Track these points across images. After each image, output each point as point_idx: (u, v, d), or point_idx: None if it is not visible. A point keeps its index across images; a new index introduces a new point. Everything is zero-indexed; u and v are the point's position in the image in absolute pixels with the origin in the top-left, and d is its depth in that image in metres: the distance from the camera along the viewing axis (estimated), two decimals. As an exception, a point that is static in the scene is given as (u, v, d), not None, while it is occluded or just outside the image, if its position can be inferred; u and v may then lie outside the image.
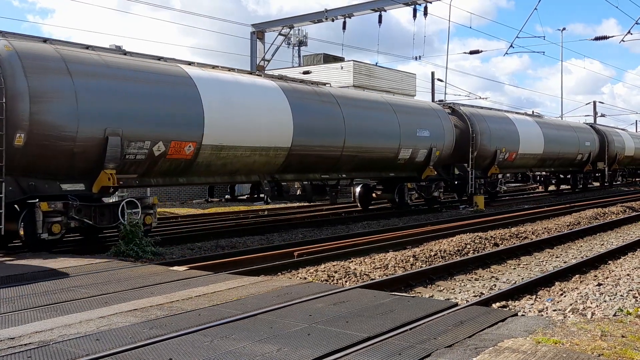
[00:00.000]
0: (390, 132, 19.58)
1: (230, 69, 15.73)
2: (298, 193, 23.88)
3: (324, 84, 19.13)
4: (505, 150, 25.85)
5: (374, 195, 22.69)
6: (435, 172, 22.18)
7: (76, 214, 11.65)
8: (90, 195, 12.06)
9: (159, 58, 14.01)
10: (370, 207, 22.96)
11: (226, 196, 20.82)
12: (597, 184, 39.78)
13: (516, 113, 30.40)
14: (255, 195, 18.75)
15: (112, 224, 12.26)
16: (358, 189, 22.94)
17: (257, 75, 16.81)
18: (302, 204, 23.50)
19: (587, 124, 39.47)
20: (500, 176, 27.32)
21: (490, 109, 29.25)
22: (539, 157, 29.49)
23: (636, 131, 63.79)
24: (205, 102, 13.61)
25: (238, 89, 14.80)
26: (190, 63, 14.66)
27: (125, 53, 13.36)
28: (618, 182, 45.81)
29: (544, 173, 34.41)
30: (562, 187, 36.41)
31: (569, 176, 35.39)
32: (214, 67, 15.40)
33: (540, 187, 37.76)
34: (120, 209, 12.25)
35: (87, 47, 12.56)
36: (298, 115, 16.02)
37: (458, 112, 24.57)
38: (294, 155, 16.04)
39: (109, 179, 11.93)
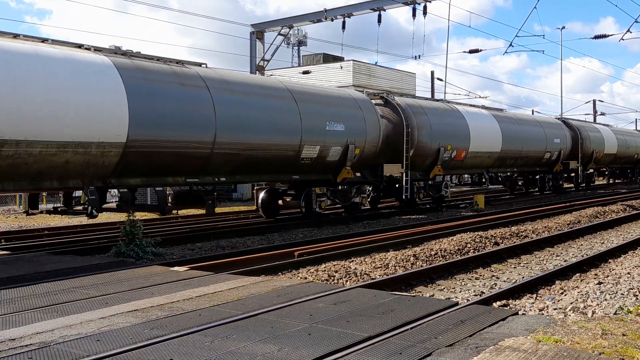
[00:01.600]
0: (288, 124, 15.85)
1: (15, 35, 11.61)
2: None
3: (200, 64, 14.99)
4: (451, 148, 22.26)
5: (280, 202, 18.60)
6: (356, 174, 18.61)
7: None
8: None
9: None
10: (278, 217, 19.00)
11: (56, 205, 15.14)
12: (572, 185, 35.68)
13: (470, 105, 26.56)
14: (79, 207, 14.01)
15: None
16: (262, 195, 18.95)
17: (85, 49, 12.56)
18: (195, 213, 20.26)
19: (558, 118, 35.34)
20: (447, 178, 23.80)
21: (438, 100, 26.12)
22: (497, 155, 25.74)
23: (636, 129, 61.59)
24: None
25: (32, 64, 11.01)
26: None
27: None
28: (601, 182, 43.25)
29: (507, 174, 31.14)
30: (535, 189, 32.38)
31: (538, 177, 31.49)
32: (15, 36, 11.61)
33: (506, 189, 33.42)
34: None
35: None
36: (137, 100, 12.29)
37: (391, 103, 20.66)
38: (134, 153, 12.36)
39: None
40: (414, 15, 25.10)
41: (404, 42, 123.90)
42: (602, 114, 63.97)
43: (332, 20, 27.39)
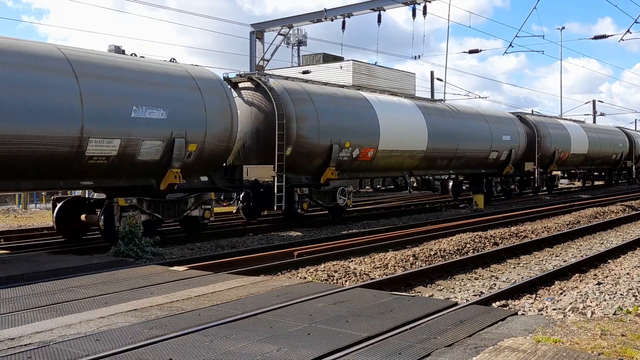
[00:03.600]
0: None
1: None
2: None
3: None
4: (350, 146, 18.06)
5: (83, 217, 13.27)
6: (200, 179, 14.44)
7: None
8: None
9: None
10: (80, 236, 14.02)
11: None
12: (545, 189, 31.53)
13: (390, 94, 22.59)
14: None
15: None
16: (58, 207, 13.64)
17: None
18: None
19: (514, 113, 29.81)
20: (348, 183, 21.48)
21: (343, 86, 20.62)
22: (422, 155, 21.13)
23: (635, 129, 58.47)
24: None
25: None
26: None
27: None
28: (576, 186, 39.47)
29: (443, 177, 26.44)
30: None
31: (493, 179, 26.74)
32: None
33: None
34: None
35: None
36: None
37: (262, 87, 16.36)
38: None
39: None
40: (413, 15, 25.08)
41: (402, 42, 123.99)
42: (602, 114, 63.98)
43: (331, 20, 27.36)
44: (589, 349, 5.12)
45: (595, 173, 40.47)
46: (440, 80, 45.22)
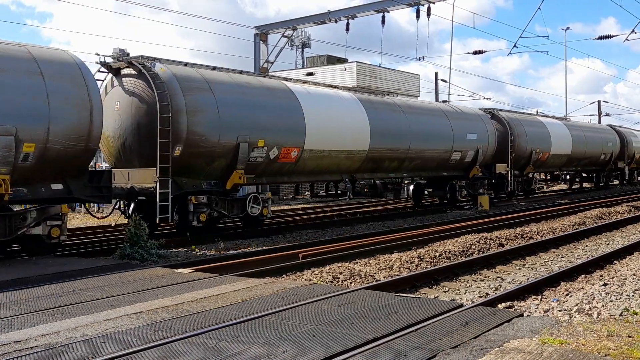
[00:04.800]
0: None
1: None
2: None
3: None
4: (264, 144, 14.98)
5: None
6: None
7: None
8: None
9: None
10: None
11: None
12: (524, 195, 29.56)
13: (325, 86, 19.32)
14: None
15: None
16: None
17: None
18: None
19: (483, 109, 26.97)
20: (261, 188, 17.22)
21: (262, 74, 17.80)
22: (364, 156, 18.30)
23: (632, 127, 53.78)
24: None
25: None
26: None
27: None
28: (556, 190, 37.63)
29: (401, 180, 22.99)
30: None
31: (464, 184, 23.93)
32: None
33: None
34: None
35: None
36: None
37: (145, 75, 13.35)
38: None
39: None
40: (417, 16, 25.09)
41: (405, 43, 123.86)
42: (607, 114, 63.78)
43: (336, 21, 27.41)
44: (595, 350, 5.10)
45: (584, 174, 37.50)
46: (445, 81, 45.17)
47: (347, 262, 10.98)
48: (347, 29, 26.95)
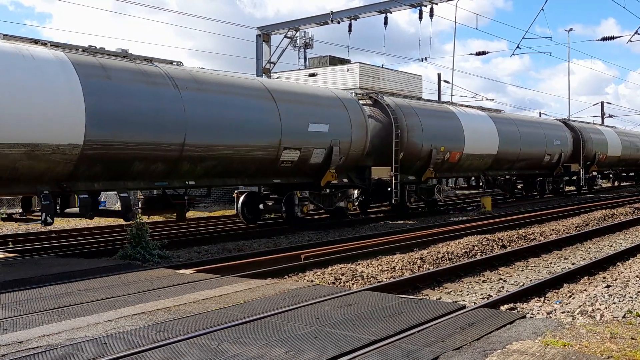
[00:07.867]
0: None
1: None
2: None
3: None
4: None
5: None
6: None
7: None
8: None
9: None
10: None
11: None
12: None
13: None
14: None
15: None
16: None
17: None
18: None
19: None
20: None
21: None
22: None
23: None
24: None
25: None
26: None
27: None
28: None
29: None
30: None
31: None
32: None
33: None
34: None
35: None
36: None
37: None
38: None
39: None
40: (420, 17, 25.10)
41: (406, 44, 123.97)
42: (610, 116, 63.71)
43: (338, 22, 27.41)
44: (598, 352, 5.09)
45: (519, 180, 30.70)
46: (447, 82, 45.05)
47: (349, 263, 10.97)
48: (350, 29, 26.96)
